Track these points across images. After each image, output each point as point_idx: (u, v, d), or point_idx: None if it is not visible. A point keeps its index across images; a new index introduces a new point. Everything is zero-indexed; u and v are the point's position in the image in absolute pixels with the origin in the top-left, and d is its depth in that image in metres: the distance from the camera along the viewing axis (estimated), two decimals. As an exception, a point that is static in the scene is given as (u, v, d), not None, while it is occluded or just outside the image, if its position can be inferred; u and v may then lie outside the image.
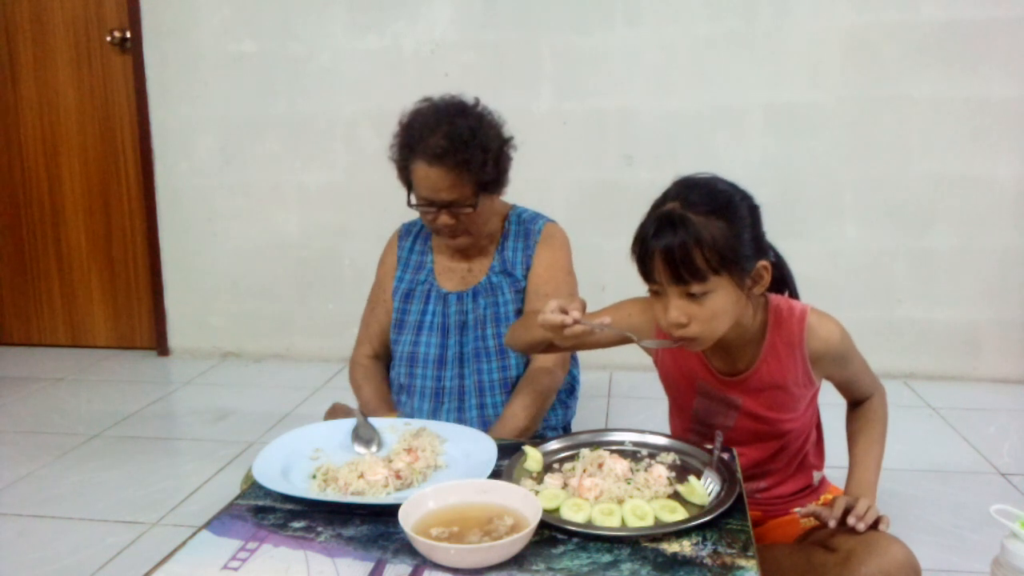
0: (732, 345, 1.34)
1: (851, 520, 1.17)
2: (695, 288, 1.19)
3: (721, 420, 1.38)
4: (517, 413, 1.66)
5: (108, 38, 3.35)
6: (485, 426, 1.68)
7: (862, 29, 2.87)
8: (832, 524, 1.18)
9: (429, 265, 1.82)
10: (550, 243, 1.79)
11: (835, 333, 1.32)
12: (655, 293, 1.25)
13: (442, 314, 1.77)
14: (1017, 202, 2.90)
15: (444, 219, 1.65)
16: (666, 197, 1.25)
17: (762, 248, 1.27)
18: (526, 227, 1.80)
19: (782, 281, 1.41)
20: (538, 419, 1.69)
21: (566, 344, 1.35)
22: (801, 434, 1.42)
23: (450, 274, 1.80)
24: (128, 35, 3.32)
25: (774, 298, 1.35)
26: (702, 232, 1.18)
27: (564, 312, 1.25)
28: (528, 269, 1.77)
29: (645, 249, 1.21)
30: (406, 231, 1.89)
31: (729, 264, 1.19)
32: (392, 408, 1.78)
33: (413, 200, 1.67)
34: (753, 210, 1.26)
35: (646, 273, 1.23)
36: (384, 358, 1.87)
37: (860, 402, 1.43)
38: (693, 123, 2.99)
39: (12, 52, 3.45)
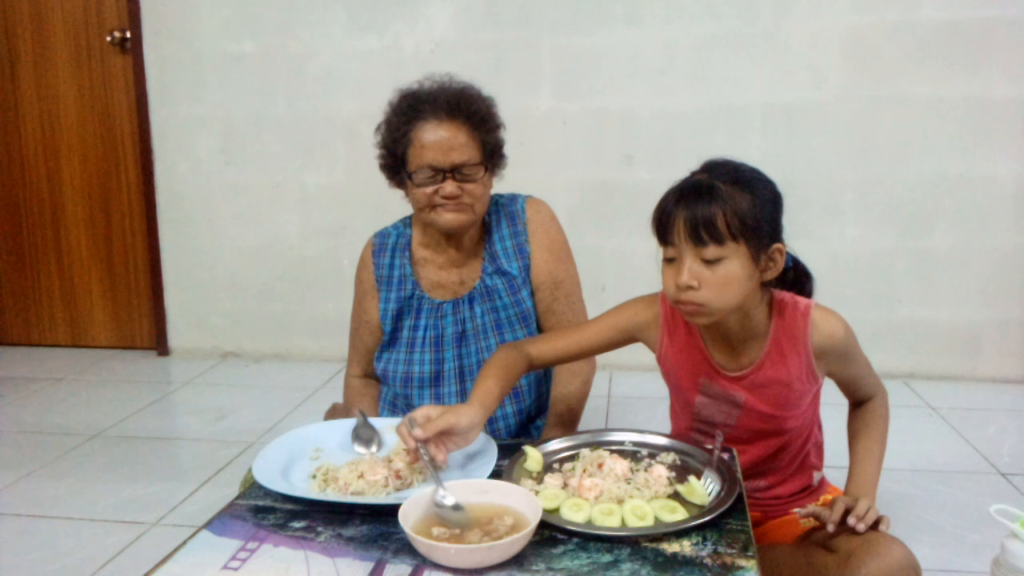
0: (736, 339, 1.34)
1: (851, 520, 1.17)
2: (711, 251, 1.20)
3: (723, 418, 1.38)
4: (567, 411, 1.66)
5: (108, 38, 3.35)
6: (495, 437, 1.64)
7: (862, 29, 2.87)
8: (831, 528, 1.18)
9: (412, 279, 1.71)
10: (540, 221, 1.71)
11: (839, 328, 1.33)
12: (669, 261, 1.26)
13: (435, 327, 1.68)
14: (1017, 202, 2.90)
15: (449, 188, 1.56)
16: (693, 173, 1.28)
17: (779, 234, 1.29)
18: (508, 210, 1.72)
19: (797, 281, 1.41)
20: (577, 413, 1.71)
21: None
22: (802, 432, 1.42)
23: (440, 290, 1.71)
24: (128, 35, 3.32)
25: (779, 293, 1.35)
26: (727, 198, 1.21)
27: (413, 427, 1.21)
28: (527, 258, 1.68)
29: (667, 210, 1.24)
30: (380, 246, 1.75)
31: (748, 233, 1.21)
32: None
33: (411, 170, 1.58)
34: (776, 195, 1.29)
35: (664, 235, 1.25)
36: (374, 376, 1.80)
37: (862, 402, 1.43)
38: (693, 123, 2.99)
39: (12, 52, 3.45)
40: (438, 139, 1.56)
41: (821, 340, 1.32)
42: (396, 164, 1.63)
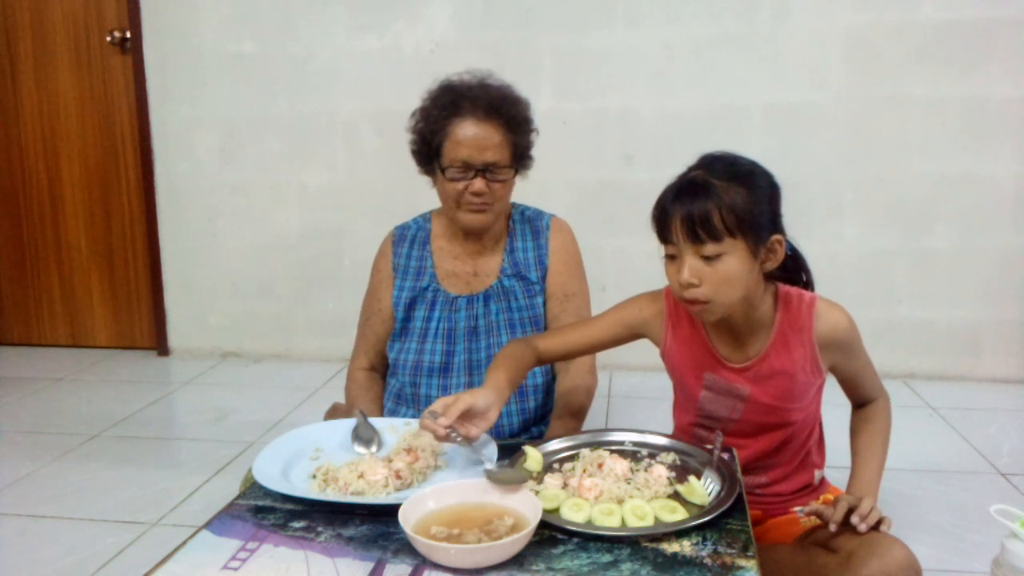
0: (741, 331, 1.35)
1: (854, 519, 1.17)
2: (710, 249, 1.22)
3: (727, 412, 1.38)
4: (571, 422, 1.65)
5: (108, 38, 3.35)
6: (499, 435, 1.65)
7: (862, 29, 2.87)
8: (833, 528, 1.18)
9: (430, 269, 1.75)
10: (561, 239, 1.77)
11: (843, 320, 1.34)
12: (671, 257, 1.27)
13: (448, 319, 1.71)
14: (1017, 202, 2.90)
15: (478, 185, 1.61)
16: (690, 168, 1.29)
17: (778, 225, 1.30)
18: (533, 225, 1.77)
19: (797, 272, 1.42)
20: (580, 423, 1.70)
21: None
22: (805, 427, 1.42)
23: (454, 279, 1.74)
24: (128, 35, 3.32)
25: (784, 287, 1.36)
26: (723, 195, 1.22)
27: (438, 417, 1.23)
28: (544, 270, 1.74)
29: (665, 209, 1.25)
30: (400, 236, 1.80)
31: (745, 228, 1.22)
32: None
33: (444, 164, 1.62)
34: (773, 187, 1.30)
35: (664, 234, 1.26)
36: (380, 368, 1.82)
37: (864, 404, 1.43)
38: (693, 123, 2.99)
39: (12, 52, 3.45)
40: (475, 137, 1.60)
41: (825, 331, 1.33)
42: (429, 153, 1.67)
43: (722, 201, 1.21)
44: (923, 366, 3.03)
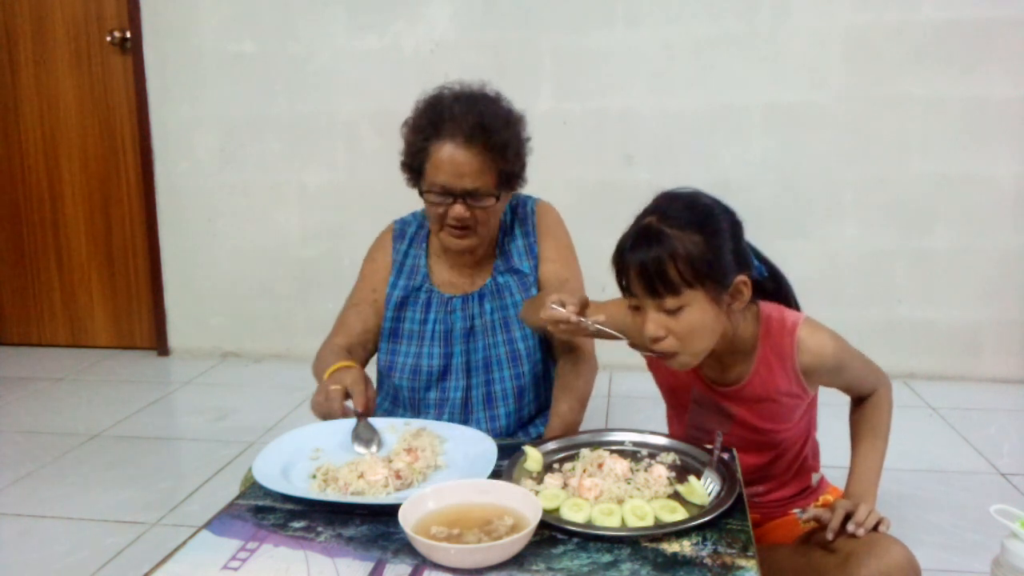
0: (723, 355, 1.32)
1: (851, 527, 1.17)
2: (669, 302, 1.19)
3: (716, 426, 1.37)
4: (574, 407, 1.61)
5: (108, 38, 3.36)
6: (496, 435, 1.61)
7: (862, 29, 2.88)
8: (830, 536, 1.18)
9: (423, 269, 1.71)
10: (548, 223, 1.73)
11: (827, 347, 1.30)
12: (635, 308, 1.25)
13: (444, 321, 1.68)
14: (1017, 202, 2.90)
15: (458, 211, 1.55)
16: (646, 211, 1.25)
17: (742, 263, 1.26)
18: (518, 213, 1.74)
19: (778, 292, 1.40)
20: (583, 410, 1.66)
21: (561, 336, 1.37)
22: (797, 441, 1.41)
23: (450, 287, 1.71)
24: (128, 35, 3.32)
25: (766, 308, 1.33)
26: (677, 246, 1.18)
27: (563, 306, 1.29)
28: (536, 259, 1.70)
29: (622, 262, 1.23)
30: (400, 232, 1.76)
31: (704, 278, 1.19)
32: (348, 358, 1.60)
33: (425, 187, 1.57)
34: (734, 225, 1.26)
35: (624, 287, 1.24)
36: (356, 355, 1.71)
37: (864, 398, 1.42)
38: (693, 123, 2.99)
39: (12, 52, 3.45)
40: (452, 162, 1.53)
41: (809, 360, 1.30)
42: (413, 170, 1.63)
43: (677, 252, 1.17)
44: (923, 366, 3.03)
